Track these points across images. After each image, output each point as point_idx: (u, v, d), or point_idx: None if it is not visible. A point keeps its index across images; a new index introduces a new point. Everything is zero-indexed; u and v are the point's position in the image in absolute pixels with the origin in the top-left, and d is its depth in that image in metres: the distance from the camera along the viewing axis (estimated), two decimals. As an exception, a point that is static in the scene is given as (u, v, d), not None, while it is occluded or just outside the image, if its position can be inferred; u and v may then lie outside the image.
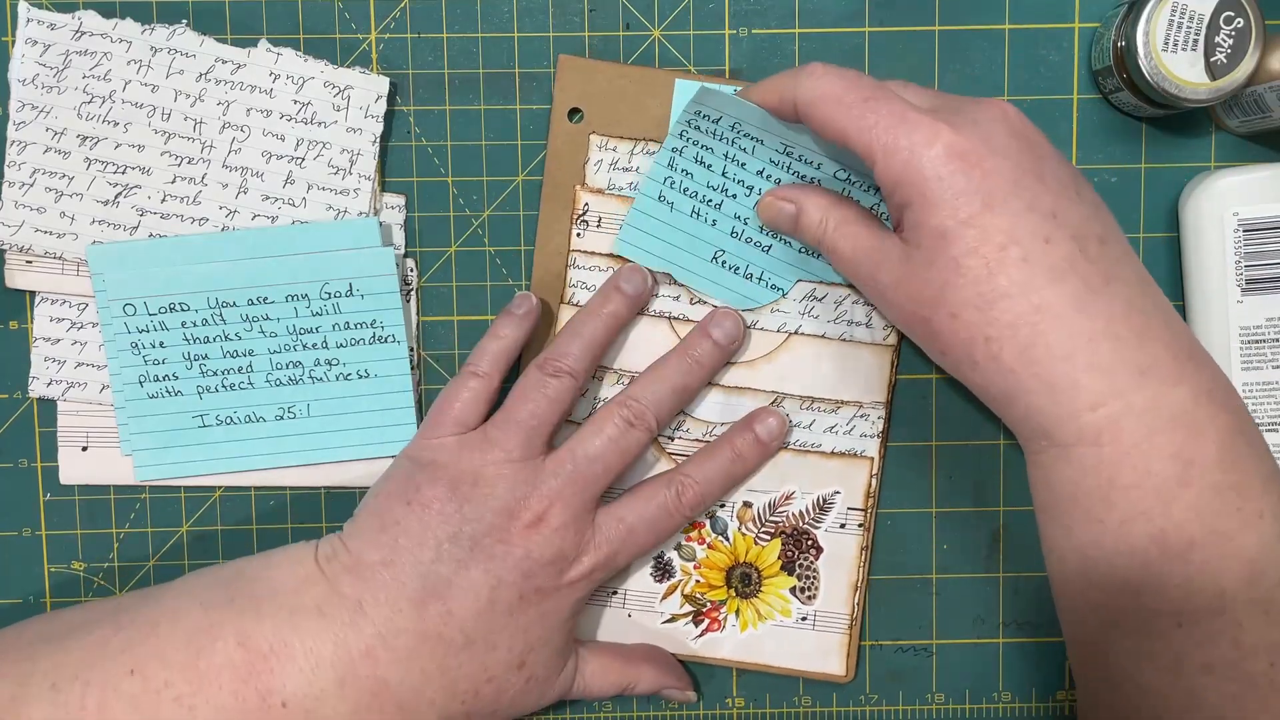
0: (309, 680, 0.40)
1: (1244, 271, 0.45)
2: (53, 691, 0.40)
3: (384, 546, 0.41)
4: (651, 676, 0.46)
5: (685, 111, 0.43)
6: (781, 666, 0.48)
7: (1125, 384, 0.36)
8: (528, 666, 0.43)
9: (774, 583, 0.48)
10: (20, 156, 0.46)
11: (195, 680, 0.40)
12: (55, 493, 0.48)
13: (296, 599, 0.41)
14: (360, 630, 0.41)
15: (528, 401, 0.43)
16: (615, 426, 0.43)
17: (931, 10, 0.47)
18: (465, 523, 0.41)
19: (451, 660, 0.41)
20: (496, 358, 0.45)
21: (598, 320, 0.45)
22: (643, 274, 0.46)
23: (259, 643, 0.40)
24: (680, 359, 0.45)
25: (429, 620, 0.41)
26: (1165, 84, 0.43)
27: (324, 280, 0.45)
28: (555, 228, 0.47)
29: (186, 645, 0.40)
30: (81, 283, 0.46)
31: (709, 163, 0.44)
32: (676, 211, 0.45)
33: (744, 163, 0.44)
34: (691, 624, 0.48)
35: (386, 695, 0.41)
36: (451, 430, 0.43)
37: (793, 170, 0.44)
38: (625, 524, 0.43)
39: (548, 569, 0.42)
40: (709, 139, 0.44)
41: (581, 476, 0.43)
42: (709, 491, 0.45)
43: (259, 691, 0.40)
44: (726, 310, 0.46)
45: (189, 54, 0.46)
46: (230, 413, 0.47)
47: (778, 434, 0.46)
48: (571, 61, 0.46)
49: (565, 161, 0.47)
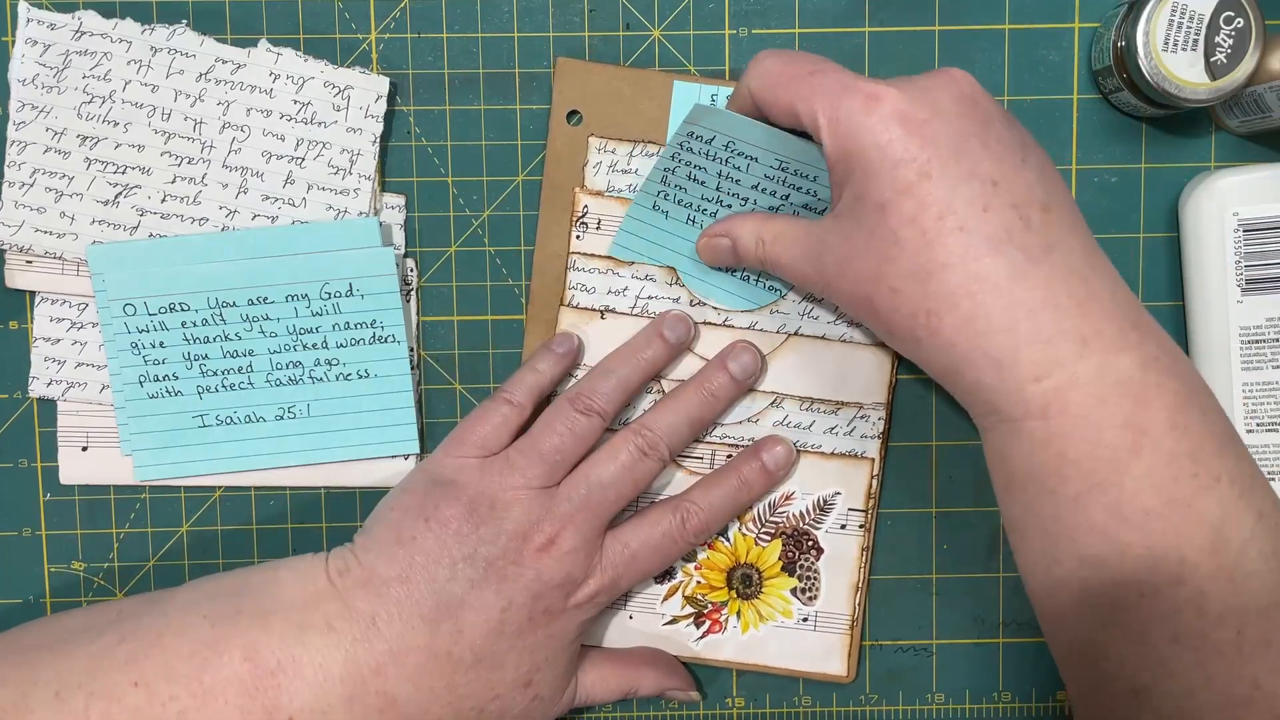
0: (317, 695, 0.40)
1: (1244, 271, 0.45)
2: (56, 700, 0.39)
3: (400, 562, 0.41)
4: (653, 679, 0.46)
5: (678, 132, 0.43)
6: (783, 667, 0.48)
7: (1068, 354, 0.35)
8: (533, 686, 0.43)
9: (775, 584, 0.48)
10: (20, 156, 0.46)
11: (200, 695, 0.39)
12: (55, 493, 0.48)
13: (305, 614, 0.41)
14: (372, 646, 0.40)
15: (553, 434, 0.43)
16: (629, 455, 0.44)
17: (931, 10, 0.47)
18: (481, 544, 0.42)
19: (460, 678, 0.41)
20: (531, 390, 0.45)
21: (634, 365, 0.45)
22: (687, 323, 0.46)
23: (266, 657, 0.40)
24: (697, 391, 0.45)
25: (440, 638, 0.41)
26: (1165, 84, 0.43)
27: (324, 280, 0.45)
28: (554, 230, 0.47)
29: (192, 659, 0.40)
30: (81, 283, 0.46)
31: (703, 180, 0.44)
32: (672, 219, 0.45)
33: (738, 179, 0.44)
34: (693, 626, 0.48)
35: (394, 712, 0.41)
36: (474, 452, 0.44)
37: (788, 184, 0.44)
38: (629, 549, 0.44)
39: (556, 591, 0.42)
40: (702, 159, 0.43)
41: (593, 502, 0.43)
42: (714, 519, 0.45)
43: (265, 707, 0.40)
44: (746, 345, 0.46)
45: (189, 54, 0.46)
46: (230, 413, 0.47)
47: (784, 463, 0.46)
48: (570, 64, 0.46)
49: (564, 164, 0.47)
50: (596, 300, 0.47)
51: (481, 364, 0.48)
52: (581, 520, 0.42)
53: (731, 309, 0.47)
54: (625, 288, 0.47)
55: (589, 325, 0.47)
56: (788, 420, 0.47)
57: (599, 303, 0.47)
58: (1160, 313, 0.48)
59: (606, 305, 0.47)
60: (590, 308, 0.47)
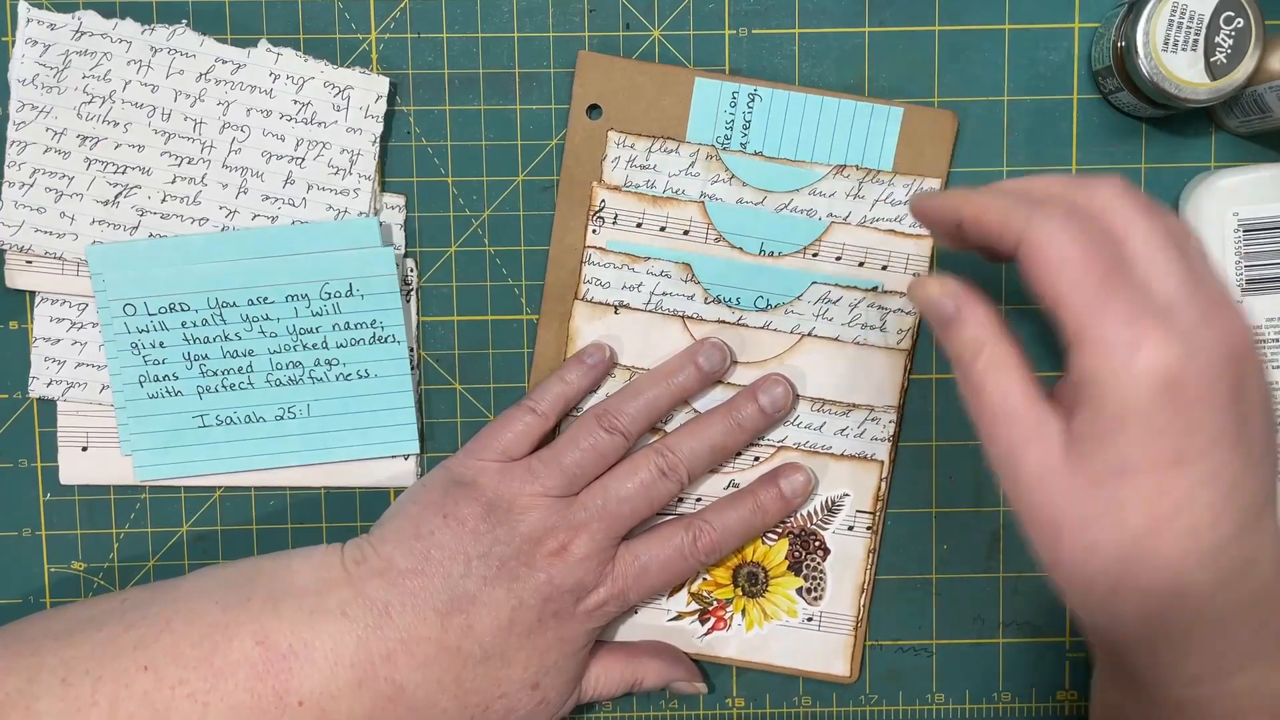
0: (327, 680, 0.40)
1: (1244, 271, 0.45)
2: (62, 686, 0.40)
3: (416, 555, 0.42)
4: (658, 671, 0.46)
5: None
6: (786, 666, 0.48)
7: (1230, 667, 0.34)
8: (541, 689, 0.43)
9: (781, 583, 0.48)
10: (20, 156, 0.46)
11: (210, 677, 0.40)
12: (55, 493, 0.48)
13: (319, 600, 0.41)
14: (384, 634, 0.41)
15: (576, 449, 0.44)
16: (649, 473, 0.44)
17: (931, 10, 0.47)
18: (495, 543, 0.42)
19: (467, 673, 0.42)
20: (556, 401, 0.45)
21: (664, 388, 0.45)
22: (723, 351, 0.46)
23: (278, 641, 0.40)
24: (724, 419, 0.45)
25: (451, 632, 0.41)
26: (1165, 84, 0.43)
27: (324, 280, 0.45)
28: (571, 224, 0.47)
29: (201, 642, 0.40)
30: (81, 283, 0.46)
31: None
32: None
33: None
34: (697, 622, 0.48)
35: (402, 700, 0.41)
36: (496, 456, 0.44)
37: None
38: (640, 562, 0.44)
39: (566, 596, 0.43)
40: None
41: (610, 514, 0.43)
42: (726, 540, 0.45)
43: (275, 690, 0.40)
44: (779, 378, 0.46)
45: (189, 54, 0.46)
46: (230, 413, 0.47)
47: (801, 492, 0.46)
48: (591, 58, 0.46)
49: (583, 158, 0.47)
50: (611, 295, 0.47)
51: (481, 364, 0.48)
52: (596, 529, 0.43)
53: (745, 308, 0.47)
54: (640, 283, 0.47)
55: (603, 320, 0.47)
56: (799, 421, 0.47)
57: (613, 297, 0.47)
58: (1160, 313, 0.48)
59: (621, 300, 0.47)
60: (605, 302, 0.47)
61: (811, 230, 0.46)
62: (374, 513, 0.48)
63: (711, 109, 0.46)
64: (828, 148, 0.46)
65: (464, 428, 0.48)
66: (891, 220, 0.46)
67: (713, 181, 0.46)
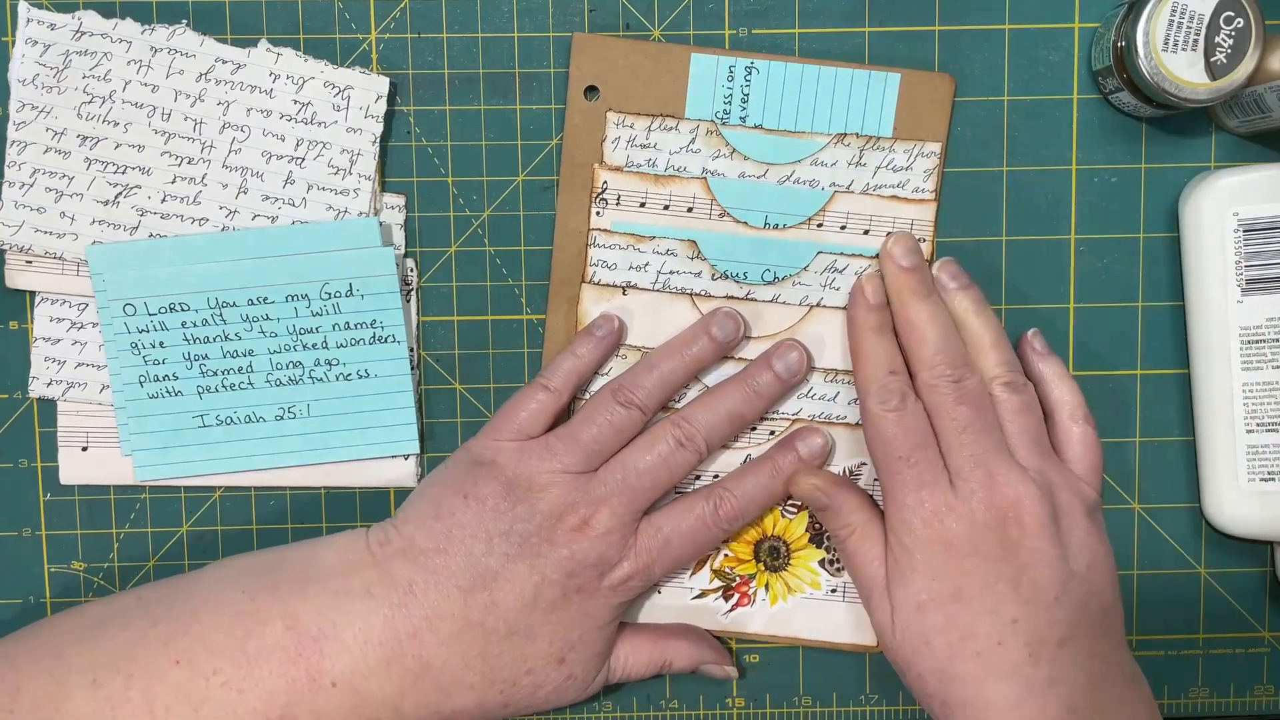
0: (357, 659, 0.41)
1: (1244, 271, 0.45)
2: (94, 686, 0.40)
3: (438, 535, 0.42)
4: (687, 653, 0.46)
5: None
6: (812, 639, 0.48)
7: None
8: (567, 664, 0.43)
9: (802, 555, 0.48)
10: (20, 156, 0.46)
11: (244, 664, 0.40)
12: (55, 493, 0.48)
13: (344, 581, 0.42)
14: (409, 612, 0.42)
15: (593, 425, 0.44)
16: (667, 445, 0.44)
17: (931, 10, 0.47)
18: (516, 521, 0.43)
19: (492, 649, 0.42)
20: (569, 376, 0.45)
21: (678, 360, 0.45)
22: (736, 321, 0.46)
23: (307, 624, 0.41)
24: (740, 387, 0.45)
25: (474, 608, 0.42)
26: (1165, 84, 0.43)
27: (324, 280, 0.45)
28: (574, 207, 0.47)
29: (232, 631, 0.41)
30: (81, 283, 0.46)
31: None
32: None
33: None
34: (721, 599, 0.48)
35: (429, 677, 0.42)
36: (513, 436, 0.44)
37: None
38: (662, 534, 0.44)
39: (589, 570, 0.43)
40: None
41: (630, 488, 0.43)
42: (747, 507, 0.45)
43: (308, 672, 0.41)
44: (793, 344, 0.46)
45: (189, 54, 0.46)
46: (230, 413, 0.47)
47: (820, 454, 0.46)
48: (587, 39, 0.46)
49: (582, 140, 0.47)
50: (618, 276, 0.47)
51: (481, 364, 0.48)
52: (617, 504, 0.43)
53: (753, 282, 0.47)
54: (646, 263, 0.47)
55: (611, 302, 0.47)
56: (812, 392, 0.47)
57: (620, 279, 0.47)
58: (1160, 313, 0.48)
59: (628, 281, 0.47)
60: (612, 284, 0.47)
61: (815, 200, 0.46)
62: (374, 513, 0.48)
63: (709, 84, 0.46)
64: (827, 117, 0.46)
65: (464, 428, 0.48)
66: (894, 186, 0.46)
67: (714, 157, 0.46)
